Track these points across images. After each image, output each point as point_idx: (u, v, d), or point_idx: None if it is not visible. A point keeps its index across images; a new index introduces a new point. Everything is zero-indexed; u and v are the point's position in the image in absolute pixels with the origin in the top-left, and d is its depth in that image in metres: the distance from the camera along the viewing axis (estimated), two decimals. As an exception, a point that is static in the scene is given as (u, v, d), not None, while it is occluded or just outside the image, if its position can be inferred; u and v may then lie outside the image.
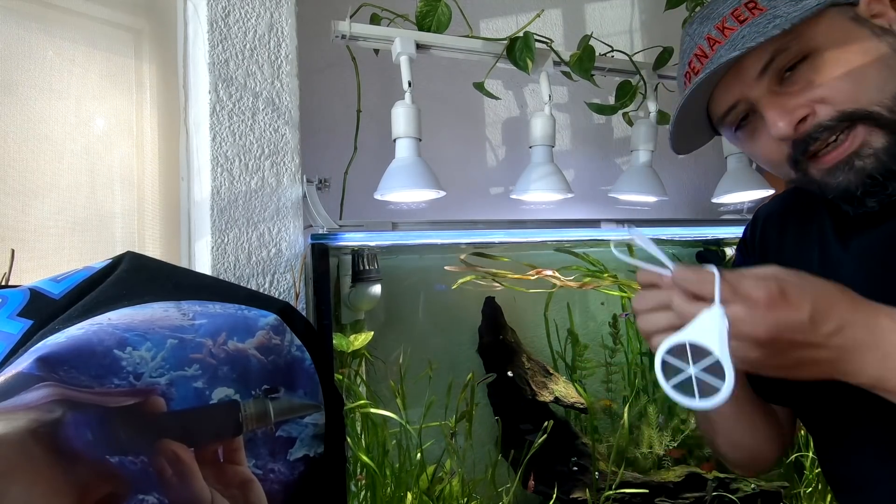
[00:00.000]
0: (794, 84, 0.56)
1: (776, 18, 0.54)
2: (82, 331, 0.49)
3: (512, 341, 1.17)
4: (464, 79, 1.26)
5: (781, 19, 0.54)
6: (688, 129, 0.65)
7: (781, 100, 0.56)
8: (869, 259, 0.58)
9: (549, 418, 1.13)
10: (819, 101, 0.55)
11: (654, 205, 1.37)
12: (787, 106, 0.56)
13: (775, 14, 0.55)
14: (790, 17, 0.54)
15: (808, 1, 0.54)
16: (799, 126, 0.55)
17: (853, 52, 0.54)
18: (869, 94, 0.53)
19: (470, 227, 1.05)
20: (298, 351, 0.58)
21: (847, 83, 0.54)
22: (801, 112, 0.55)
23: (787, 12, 0.54)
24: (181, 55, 0.92)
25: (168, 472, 0.47)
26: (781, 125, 0.55)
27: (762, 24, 0.55)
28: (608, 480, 1.12)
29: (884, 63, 0.54)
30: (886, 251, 0.56)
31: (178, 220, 0.92)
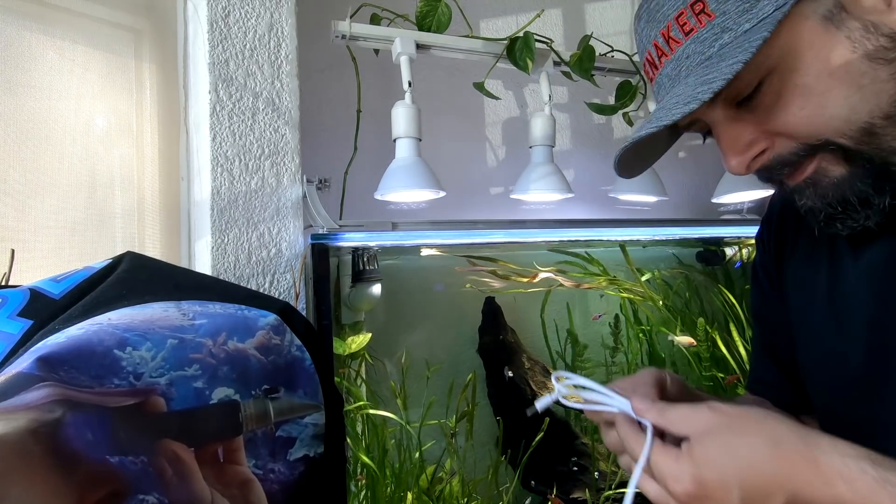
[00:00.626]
0: (751, 111, 0.49)
1: (724, 33, 0.46)
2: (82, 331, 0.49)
3: (512, 341, 1.17)
4: (464, 79, 1.26)
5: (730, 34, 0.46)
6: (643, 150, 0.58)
7: (737, 130, 0.50)
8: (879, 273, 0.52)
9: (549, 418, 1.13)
10: (777, 133, 0.48)
11: (654, 205, 1.38)
12: (742, 139, 0.49)
13: (724, 26, 0.46)
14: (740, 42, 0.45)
15: (763, 6, 0.45)
16: (754, 162, 0.50)
17: (818, 73, 0.45)
18: (834, 125, 0.46)
19: (470, 227, 1.05)
20: (298, 351, 0.58)
21: (808, 114, 0.46)
22: (757, 147, 0.49)
23: (737, 25, 0.46)
24: (181, 55, 0.92)
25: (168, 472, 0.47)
26: (733, 164, 0.50)
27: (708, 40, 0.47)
28: (608, 480, 1.11)
29: (855, 84, 0.45)
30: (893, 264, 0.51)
31: (178, 220, 0.92)
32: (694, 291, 1.36)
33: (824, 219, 0.50)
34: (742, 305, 1.30)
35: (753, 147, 0.49)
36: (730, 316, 1.30)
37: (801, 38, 0.46)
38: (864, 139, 0.46)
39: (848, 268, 0.55)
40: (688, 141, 1.56)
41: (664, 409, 0.48)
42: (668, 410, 0.48)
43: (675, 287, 1.34)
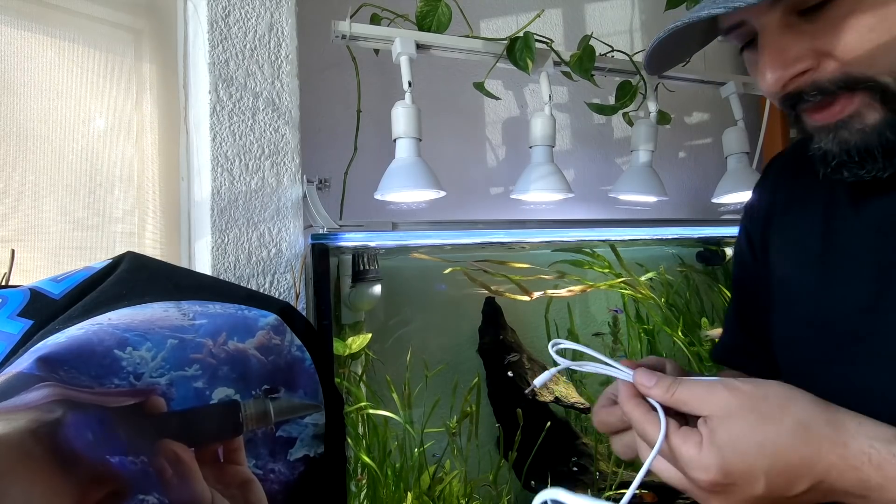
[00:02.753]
0: (812, 23, 0.45)
1: None
2: (82, 331, 0.49)
3: (512, 341, 1.17)
4: (464, 79, 1.26)
5: None
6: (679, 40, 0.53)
7: (787, 40, 0.46)
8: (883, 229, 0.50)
9: (549, 418, 1.13)
10: (827, 54, 0.45)
11: (654, 205, 1.38)
12: (787, 55, 0.46)
13: None
14: None
15: None
16: (790, 83, 0.47)
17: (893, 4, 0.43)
18: (887, 61, 0.44)
19: (470, 227, 1.05)
20: (299, 351, 0.58)
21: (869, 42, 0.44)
22: (802, 65, 0.46)
23: None
24: (181, 55, 0.92)
25: (168, 472, 0.47)
26: (770, 78, 0.47)
27: None
28: (608, 480, 1.11)
29: None
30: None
31: (178, 220, 0.92)
32: (694, 291, 1.36)
33: (835, 165, 0.48)
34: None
35: (798, 63, 0.46)
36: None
37: None
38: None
39: (846, 222, 0.54)
40: (688, 141, 1.56)
41: (673, 385, 0.46)
42: (678, 387, 0.46)
43: (675, 287, 1.34)
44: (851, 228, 0.53)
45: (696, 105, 1.57)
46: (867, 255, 0.51)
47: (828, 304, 0.54)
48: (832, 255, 0.55)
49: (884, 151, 0.45)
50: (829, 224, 0.56)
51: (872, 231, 0.51)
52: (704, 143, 1.58)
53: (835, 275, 0.54)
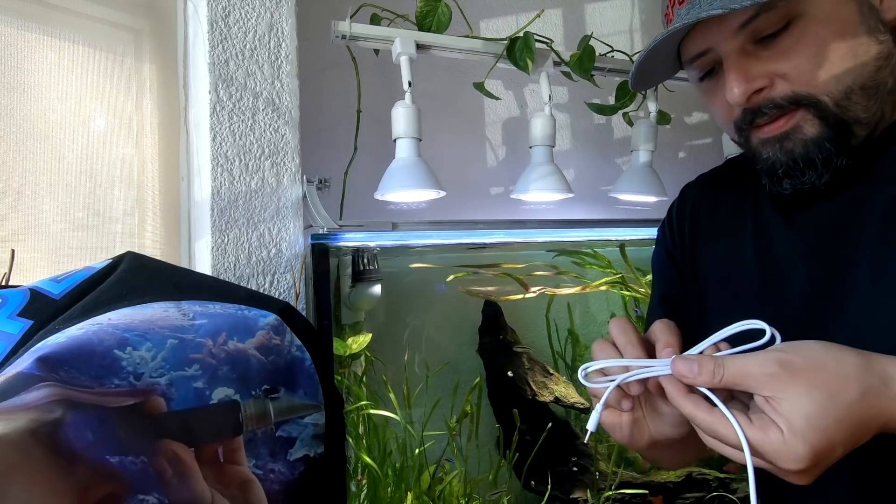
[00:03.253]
0: (767, 49, 0.54)
1: None
2: (82, 331, 0.49)
3: (512, 341, 1.17)
4: (464, 79, 1.26)
5: None
6: (654, 64, 0.63)
7: (747, 63, 0.55)
8: (817, 234, 0.57)
9: (549, 418, 1.13)
10: (781, 76, 0.54)
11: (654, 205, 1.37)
12: (750, 73, 0.54)
13: None
14: None
15: None
16: (753, 97, 0.55)
17: (832, 31, 0.52)
18: (825, 82, 0.53)
19: (470, 227, 1.05)
20: (298, 351, 0.58)
21: (812, 65, 0.53)
22: (759, 83, 0.54)
23: None
24: (181, 55, 0.92)
25: (168, 472, 0.47)
26: (737, 92, 0.55)
27: None
28: (608, 480, 1.12)
29: (853, 49, 0.53)
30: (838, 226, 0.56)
31: (178, 220, 0.92)
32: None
33: (782, 173, 0.56)
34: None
35: (758, 81, 0.54)
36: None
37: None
38: (842, 102, 0.53)
39: (778, 230, 0.61)
40: (688, 141, 1.56)
41: (718, 367, 0.45)
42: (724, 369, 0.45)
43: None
44: (785, 235, 0.60)
45: (696, 105, 1.57)
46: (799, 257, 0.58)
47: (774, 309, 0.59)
48: (765, 261, 0.61)
49: (823, 160, 0.54)
50: (759, 233, 0.63)
51: (804, 237, 0.58)
52: (704, 143, 1.58)
53: (769, 277, 0.60)
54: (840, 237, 0.56)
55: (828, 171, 0.54)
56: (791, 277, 0.59)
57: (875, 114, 0.54)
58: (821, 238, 0.57)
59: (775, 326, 0.49)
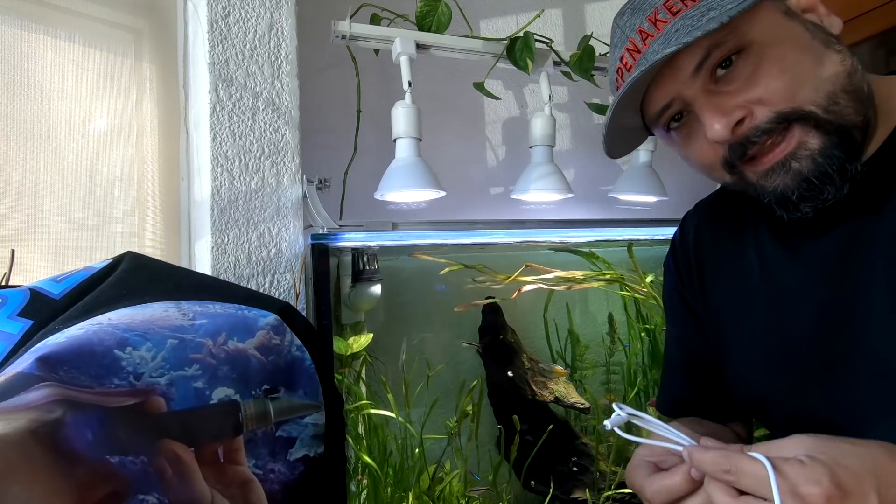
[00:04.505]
0: (730, 83, 0.53)
1: (710, 10, 0.51)
2: (82, 331, 0.49)
3: (512, 341, 1.17)
4: (464, 79, 1.26)
5: (716, 11, 0.50)
6: (623, 131, 0.62)
7: (718, 100, 0.53)
8: (823, 265, 0.56)
9: (549, 418, 1.13)
10: (756, 102, 0.52)
11: (654, 205, 1.37)
12: (724, 107, 0.53)
13: (709, 6, 0.51)
14: (726, 9, 0.50)
15: None
16: (736, 129, 0.53)
17: (788, 48, 0.52)
18: (805, 93, 0.51)
19: (470, 227, 1.05)
20: (298, 351, 0.58)
21: (783, 82, 0.51)
22: (738, 114, 0.52)
23: (721, 4, 0.51)
24: (181, 55, 0.92)
25: (168, 472, 0.47)
26: (718, 127, 0.53)
27: (696, 16, 0.51)
28: (608, 480, 1.12)
29: (818, 60, 0.52)
30: (845, 256, 0.55)
31: (178, 220, 0.92)
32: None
33: (797, 198, 0.53)
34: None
35: (734, 113, 0.52)
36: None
37: (774, 20, 0.53)
38: (831, 107, 0.51)
39: (783, 262, 0.60)
40: (688, 141, 1.55)
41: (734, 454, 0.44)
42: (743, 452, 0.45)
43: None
44: (790, 267, 0.59)
45: (696, 105, 1.57)
46: (808, 290, 0.57)
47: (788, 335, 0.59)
48: (775, 294, 0.60)
49: (838, 170, 0.51)
50: (764, 265, 0.62)
51: (810, 268, 0.57)
52: (704, 143, 1.57)
53: (781, 311, 0.60)
54: (848, 268, 0.54)
55: (846, 181, 0.52)
56: (801, 312, 0.58)
57: (865, 119, 0.53)
58: (828, 270, 0.56)
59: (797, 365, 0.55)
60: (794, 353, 0.58)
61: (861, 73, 0.53)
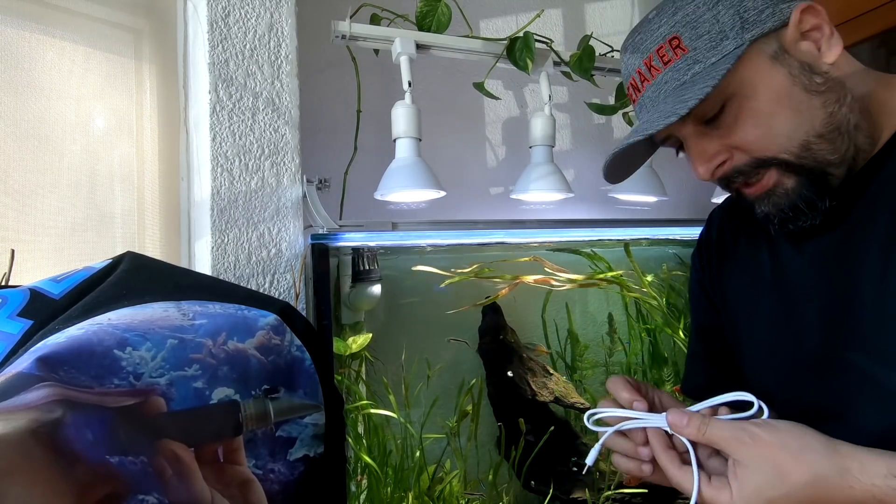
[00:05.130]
0: (716, 128, 0.59)
1: (695, 64, 0.57)
2: (82, 331, 0.49)
3: (512, 341, 1.17)
4: (464, 79, 1.26)
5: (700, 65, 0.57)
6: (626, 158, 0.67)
7: (703, 143, 0.60)
8: (825, 263, 0.61)
9: (549, 418, 1.13)
10: (736, 148, 0.59)
11: (654, 205, 1.38)
12: (707, 151, 0.60)
13: (695, 58, 0.58)
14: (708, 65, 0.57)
15: (726, 45, 0.57)
16: (717, 170, 0.60)
17: (765, 101, 0.57)
18: (779, 143, 0.57)
19: (470, 227, 1.05)
20: (298, 351, 0.58)
21: (758, 135, 0.57)
22: (719, 158, 0.59)
23: (705, 58, 0.57)
24: (181, 55, 0.92)
25: (168, 472, 0.47)
26: (701, 171, 0.61)
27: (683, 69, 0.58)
28: (608, 480, 1.12)
29: (795, 110, 0.56)
30: (843, 254, 0.59)
31: (178, 220, 0.92)
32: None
33: (778, 222, 0.60)
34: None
35: (716, 158, 0.60)
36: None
37: (755, 71, 0.57)
38: (804, 154, 0.57)
39: (791, 260, 0.65)
40: (688, 141, 1.56)
41: (703, 425, 0.54)
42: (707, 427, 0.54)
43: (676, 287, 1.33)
44: (797, 264, 0.64)
45: (696, 105, 1.57)
46: (813, 286, 0.61)
47: (792, 331, 0.63)
48: (783, 290, 0.65)
49: (807, 205, 0.58)
50: (775, 262, 0.66)
51: (814, 266, 0.62)
52: (704, 143, 1.57)
53: (788, 305, 0.64)
54: (845, 264, 0.59)
55: (817, 214, 0.58)
56: (807, 308, 0.62)
57: (847, 151, 0.57)
58: (829, 267, 0.60)
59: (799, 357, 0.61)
60: (796, 346, 0.63)
61: (849, 104, 0.57)
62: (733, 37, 0.57)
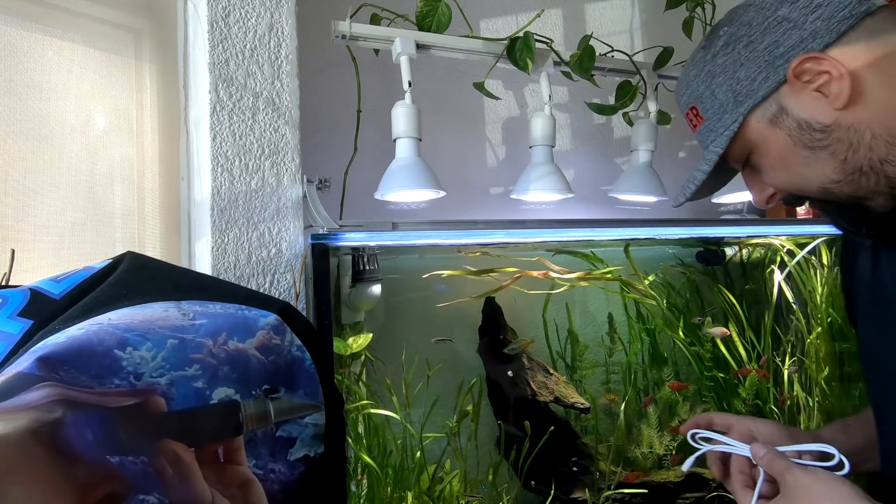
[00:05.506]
0: (754, 172, 0.67)
1: (711, 132, 0.66)
2: (82, 331, 0.49)
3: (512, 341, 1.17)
4: (464, 79, 1.26)
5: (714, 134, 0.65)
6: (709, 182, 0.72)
7: (751, 179, 0.68)
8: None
9: (549, 418, 1.13)
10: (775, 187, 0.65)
11: (654, 205, 1.37)
12: (756, 186, 0.68)
13: (710, 127, 0.66)
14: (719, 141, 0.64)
15: (726, 119, 0.63)
16: (769, 200, 0.67)
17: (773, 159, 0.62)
18: (801, 187, 0.62)
19: (470, 227, 1.05)
20: (299, 351, 0.58)
21: (782, 181, 0.63)
22: (769, 191, 0.66)
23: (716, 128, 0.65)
24: (181, 55, 0.92)
25: (168, 472, 0.47)
26: (757, 199, 0.68)
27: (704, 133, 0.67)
28: (608, 480, 1.12)
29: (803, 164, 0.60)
30: None
31: (178, 220, 0.92)
32: (694, 291, 1.36)
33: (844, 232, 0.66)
34: (742, 305, 1.30)
35: (766, 190, 0.67)
36: (730, 316, 1.31)
37: (758, 135, 0.62)
38: (825, 196, 0.61)
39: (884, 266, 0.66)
40: (687, 141, 1.56)
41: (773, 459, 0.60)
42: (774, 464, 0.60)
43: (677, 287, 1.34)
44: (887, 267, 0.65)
45: (696, 105, 1.57)
46: None
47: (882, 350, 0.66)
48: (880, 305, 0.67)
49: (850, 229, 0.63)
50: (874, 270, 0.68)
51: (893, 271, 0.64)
52: (704, 143, 1.57)
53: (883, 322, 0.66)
54: None
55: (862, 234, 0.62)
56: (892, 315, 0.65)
57: (878, 185, 0.57)
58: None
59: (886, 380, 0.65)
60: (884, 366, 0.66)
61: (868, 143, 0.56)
62: (730, 111, 0.62)
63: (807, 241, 1.25)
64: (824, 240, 1.26)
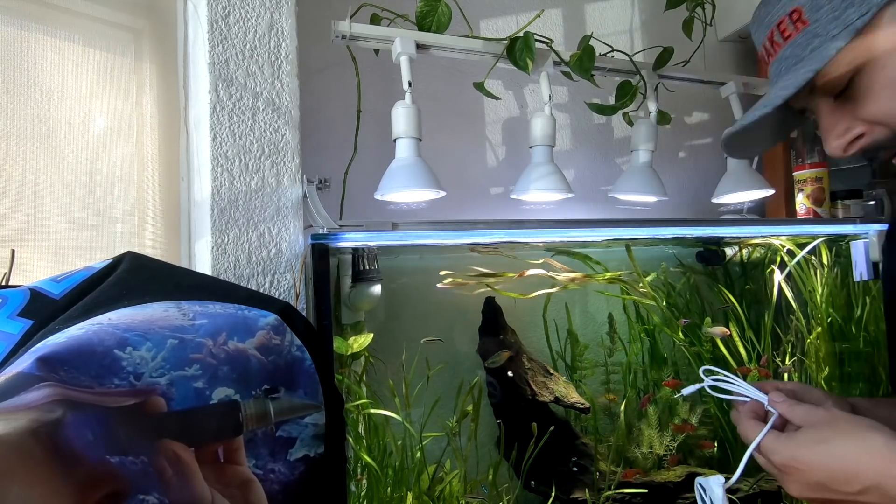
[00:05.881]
0: (848, 100, 0.54)
1: (815, 38, 0.53)
2: (82, 331, 0.49)
3: (512, 342, 1.17)
4: (464, 79, 1.26)
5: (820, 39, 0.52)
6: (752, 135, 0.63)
7: (835, 117, 0.56)
8: None
9: (549, 418, 1.13)
10: (874, 122, 0.53)
11: (654, 205, 1.38)
12: (840, 125, 0.55)
13: (815, 32, 0.53)
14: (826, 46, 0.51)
15: (850, 14, 0.51)
16: (851, 146, 0.56)
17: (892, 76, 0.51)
18: None
19: (470, 227, 1.05)
20: (299, 351, 0.58)
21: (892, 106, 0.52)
22: (855, 131, 0.55)
23: (826, 31, 0.52)
24: (181, 55, 0.92)
25: (168, 472, 0.47)
26: (833, 146, 0.56)
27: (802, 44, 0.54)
28: (608, 480, 1.12)
29: None
30: None
31: (178, 220, 0.92)
32: (694, 291, 1.36)
33: None
34: (742, 305, 1.30)
35: (850, 132, 0.55)
36: (730, 316, 1.31)
37: (886, 40, 0.51)
38: None
39: None
40: (688, 141, 1.56)
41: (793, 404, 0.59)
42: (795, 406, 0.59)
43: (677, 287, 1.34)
44: None
45: (696, 105, 1.57)
46: None
47: None
48: None
49: None
50: None
51: None
52: (704, 143, 1.58)
53: None
54: None
55: None
56: None
57: None
58: None
59: None
60: None
61: None
62: (858, 3, 0.51)
63: (807, 241, 1.25)
64: (824, 240, 1.26)
